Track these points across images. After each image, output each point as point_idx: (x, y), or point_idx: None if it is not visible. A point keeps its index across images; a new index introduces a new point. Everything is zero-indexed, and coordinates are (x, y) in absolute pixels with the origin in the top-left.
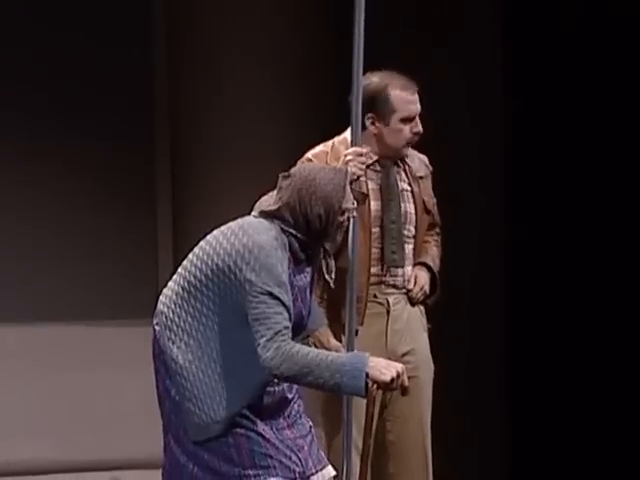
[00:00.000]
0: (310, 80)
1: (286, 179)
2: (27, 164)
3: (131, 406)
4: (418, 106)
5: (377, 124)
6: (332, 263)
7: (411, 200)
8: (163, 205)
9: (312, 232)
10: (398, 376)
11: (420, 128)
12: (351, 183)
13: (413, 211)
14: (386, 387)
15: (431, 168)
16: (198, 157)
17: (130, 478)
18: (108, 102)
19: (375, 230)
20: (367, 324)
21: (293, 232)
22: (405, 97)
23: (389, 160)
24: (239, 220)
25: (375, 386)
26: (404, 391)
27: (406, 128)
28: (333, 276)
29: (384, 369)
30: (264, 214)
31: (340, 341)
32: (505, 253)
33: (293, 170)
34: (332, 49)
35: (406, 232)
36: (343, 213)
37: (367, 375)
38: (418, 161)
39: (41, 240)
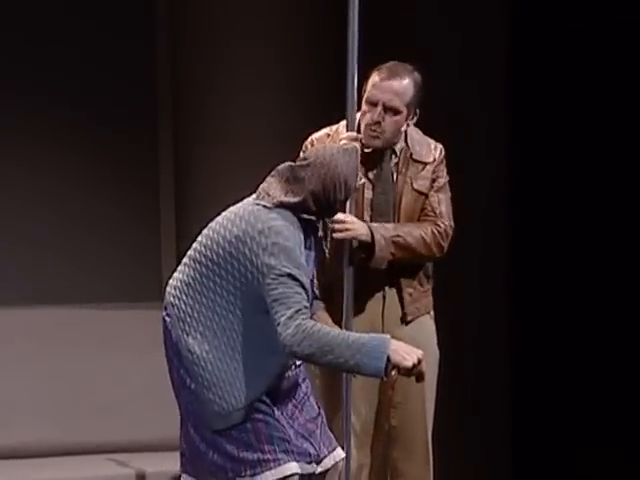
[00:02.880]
0: (314, 62)
1: (304, 168)
2: (29, 148)
3: (134, 389)
4: (386, 95)
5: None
6: (330, 232)
7: (403, 185)
8: (165, 187)
9: (327, 214)
10: (419, 362)
11: (376, 116)
12: None
13: (405, 198)
14: (407, 372)
15: (437, 156)
16: (200, 140)
17: (133, 461)
18: (110, 85)
19: (367, 218)
20: (362, 307)
21: (307, 217)
22: (376, 81)
23: (384, 150)
24: (245, 206)
25: (395, 371)
26: (420, 377)
27: (369, 113)
28: (328, 245)
29: (406, 354)
30: (282, 205)
31: (337, 323)
32: (509, 251)
33: (310, 157)
34: (336, 30)
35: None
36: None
37: (388, 358)
38: (426, 148)
39: (42, 223)
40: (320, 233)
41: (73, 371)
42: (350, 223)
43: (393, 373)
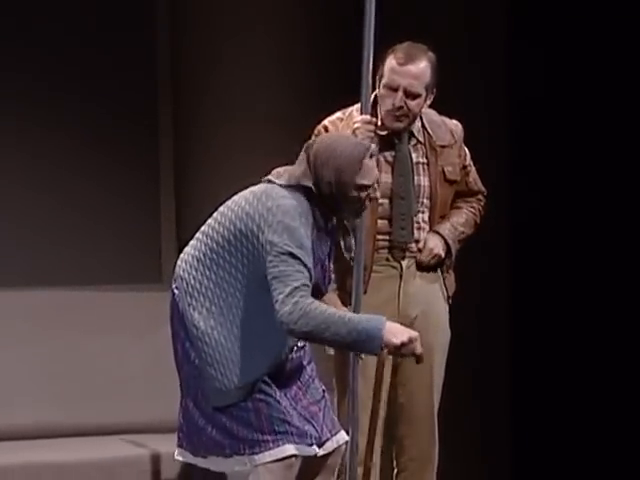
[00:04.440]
0: (317, 46)
1: (308, 150)
2: (30, 133)
3: (134, 371)
4: (406, 81)
5: (377, 89)
6: (351, 241)
7: (426, 172)
8: (165, 170)
9: (325, 199)
10: (410, 342)
11: (397, 102)
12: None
13: (427, 184)
14: (395, 351)
15: (459, 136)
16: (200, 124)
17: (134, 442)
18: (110, 70)
19: (383, 201)
20: (379, 287)
21: (316, 201)
22: (393, 66)
23: (403, 132)
24: (261, 186)
25: (385, 350)
26: (418, 359)
27: (388, 98)
28: (353, 254)
29: (397, 333)
30: (288, 185)
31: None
32: (509, 243)
33: (317, 139)
34: (341, 15)
35: (420, 206)
36: (359, 188)
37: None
38: (444, 129)
39: (43, 207)
40: (339, 236)
41: (73, 353)
42: (433, 246)
43: (384, 352)
